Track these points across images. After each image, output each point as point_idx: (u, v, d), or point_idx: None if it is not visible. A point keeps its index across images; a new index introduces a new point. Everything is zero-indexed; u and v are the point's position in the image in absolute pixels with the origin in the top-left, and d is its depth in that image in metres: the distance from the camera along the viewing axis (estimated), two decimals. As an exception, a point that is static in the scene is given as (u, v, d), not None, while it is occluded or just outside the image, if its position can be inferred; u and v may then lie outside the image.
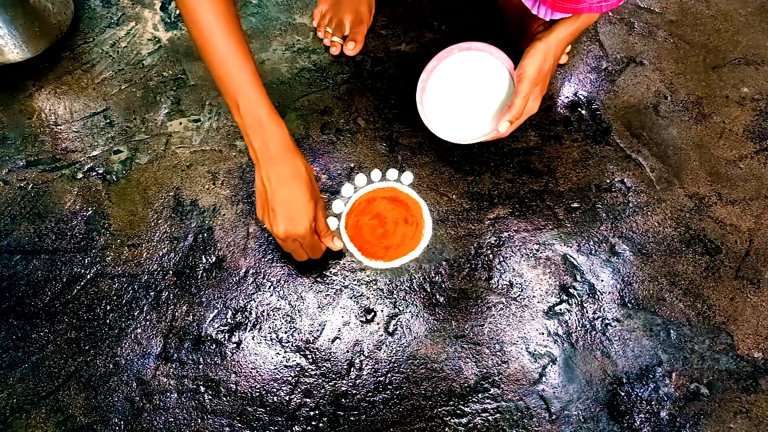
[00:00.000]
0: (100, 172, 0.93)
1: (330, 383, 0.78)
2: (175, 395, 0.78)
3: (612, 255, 0.84)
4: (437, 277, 0.83)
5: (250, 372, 0.79)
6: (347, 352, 0.79)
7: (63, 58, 1.03)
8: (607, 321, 0.80)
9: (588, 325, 0.80)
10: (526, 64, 0.76)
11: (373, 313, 0.82)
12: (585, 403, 0.75)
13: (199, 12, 0.63)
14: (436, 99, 0.85)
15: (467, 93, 0.85)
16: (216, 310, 0.82)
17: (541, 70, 0.75)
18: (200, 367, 0.79)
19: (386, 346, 0.80)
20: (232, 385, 0.78)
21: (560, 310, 0.81)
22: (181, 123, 0.96)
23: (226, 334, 0.81)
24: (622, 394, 0.76)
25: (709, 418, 0.74)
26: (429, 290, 0.83)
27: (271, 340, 0.80)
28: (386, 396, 0.77)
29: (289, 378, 0.78)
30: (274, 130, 0.67)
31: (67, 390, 0.78)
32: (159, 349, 0.80)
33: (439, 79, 0.85)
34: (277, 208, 0.69)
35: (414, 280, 0.83)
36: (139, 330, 0.81)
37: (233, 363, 0.79)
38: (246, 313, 0.82)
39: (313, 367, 0.79)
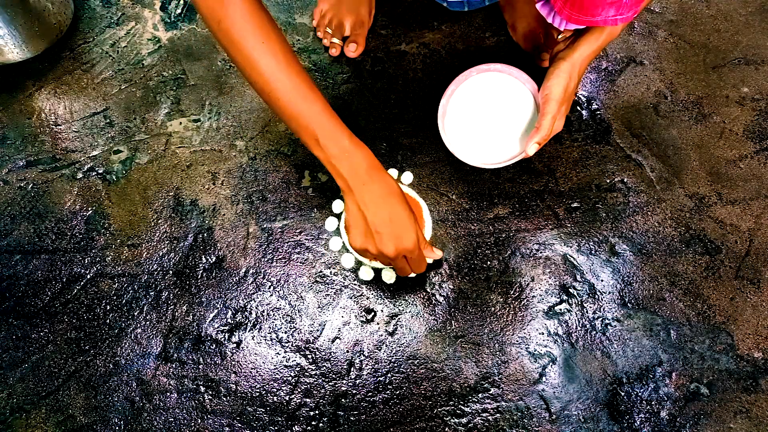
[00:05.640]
0: (100, 172, 0.93)
1: (330, 383, 0.78)
2: (175, 395, 0.78)
3: (612, 255, 0.84)
4: (437, 277, 0.83)
5: (250, 372, 0.79)
6: (347, 352, 0.79)
7: (63, 58, 1.03)
8: (607, 321, 0.80)
9: (588, 325, 0.80)
10: (550, 84, 0.74)
11: (373, 313, 0.82)
12: (585, 403, 0.75)
13: (257, 57, 0.62)
14: (459, 123, 0.83)
15: (490, 115, 0.82)
16: (216, 310, 0.82)
17: (566, 89, 0.74)
18: (200, 367, 0.79)
19: (386, 346, 0.80)
20: (232, 385, 0.78)
21: (560, 310, 0.81)
22: (181, 123, 0.96)
23: (226, 334, 0.81)
24: (622, 394, 0.76)
25: (709, 418, 0.74)
26: (429, 290, 0.83)
27: (271, 340, 0.80)
28: (386, 396, 0.77)
29: (289, 378, 0.78)
30: (359, 153, 0.66)
31: (67, 390, 0.78)
32: (159, 349, 0.80)
33: (460, 102, 0.83)
34: (381, 229, 0.66)
35: (414, 280, 0.83)
36: (139, 330, 0.82)
37: (233, 363, 0.79)
38: (246, 313, 0.82)
39: (313, 367, 0.79)
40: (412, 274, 0.79)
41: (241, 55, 0.62)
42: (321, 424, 0.75)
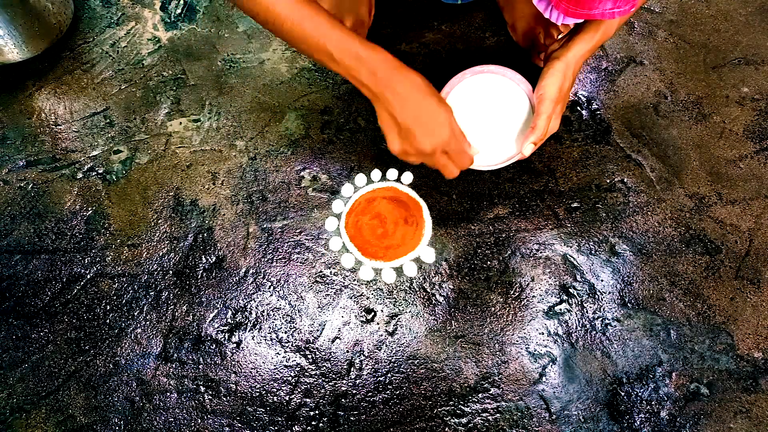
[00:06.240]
0: (100, 172, 0.93)
1: (330, 383, 0.78)
2: (175, 395, 0.78)
3: (612, 255, 0.84)
4: (437, 277, 0.83)
5: (250, 372, 0.79)
6: (347, 352, 0.79)
7: (63, 58, 1.03)
8: (607, 321, 0.80)
9: (588, 325, 0.80)
10: (545, 84, 0.73)
11: (373, 313, 0.82)
12: (585, 403, 0.75)
13: None
14: None
15: (485, 117, 0.82)
16: (216, 310, 0.82)
17: (561, 89, 0.73)
18: (200, 367, 0.79)
19: (386, 346, 0.80)
20: (232, 385, 0.78)
21: (560, 310, 0.81)
22: (181, 123, 0.96)
23: (226, 334, 0.81)
24: (622, 394, 0.76)
25: (709, 418, 0.74)
26: (429, 290, 0.83)
27: (271, 340, 0.80)
28: (386, 396, 0.77)
29: (289, 378, 0.78)
30: (376, 56, 0.65)
31: (67, 390, 0.78)
32: (159, 349, 0.80)
33: (454, 105, 0.82)
34: (413, 127, 0.65)
35: (414, 280, 0.83)
36: (139, 330, 0.82)
37: (233, 363, 0.79)
38: (246, 313, 0.82)
39: (313, 367, 0.79)
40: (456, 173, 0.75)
41: None
42: (321, 424, 0.75)
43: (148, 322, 0.82)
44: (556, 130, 0.77)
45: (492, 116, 0.82)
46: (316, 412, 0.76)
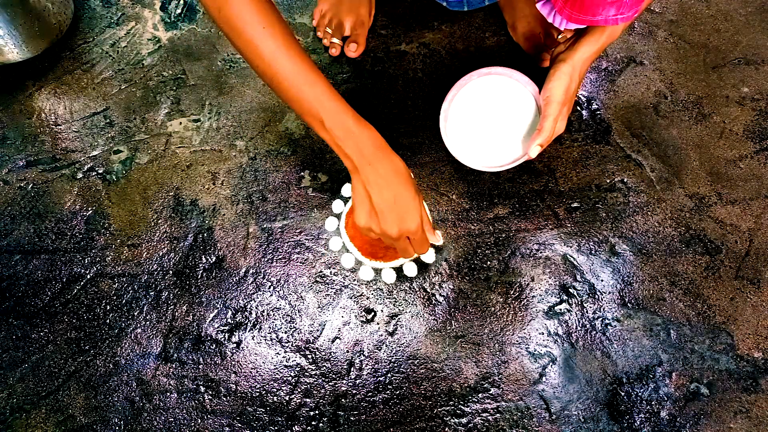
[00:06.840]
0: (100, 172, 0.93)
1: (330, 383, 0.78)
2: (175, 395, 0.78)
3: (612, 255, 0.84)
4: (437, 277, 0.83)
5: (250, 372, 0.79)
6: (347, 352, 0.79)
7: (63, 58, 1.03)
8: (607, 321, 0.80)
9: (588, 325, 0.80)
10: (551, 86, 0.74)
11: (373, 313, 0.82)
12: (585, 403, 0.75)
13: (259, 42, 0.62)
14: (461, 127, 0.83)
15: (492, 119, 0.82)
16: (216, 310, 0.82)
17: (567, 91, 0.74)
18: (200, 367, 0.79)
19: (386, 346, 0.80)
20: (232, 385, 0.78)
21: (560, 310, 0.81)
22: (181, 123, 0.96)
23: (226, 334, 0.81)
24: (622, 394, 0.76)
25: (709, 418, 0.74)
26: (429, 290, 0.83)
27: (271, 340, 0.81)
28: (386, 396, 0.77)
29: (289, 378, 0.78)
30: (365, 133, 0.66)
31: (67, 390, 0.78)
32: (159, 349, 0.80)
33: (461, 106, 0.83)
34: (386, 210, 0.67)
35: (414, 280, 0.83)
36: (139, 330, 0.82)
37: (233, 363, 0.79)
38: (246, 313, 0.82)
39: (313, 367, 0.79)
40: (415, 256, 0.79)
41: (242, 40, 0.63)
42: (321, 424, 0.76)
43: (148, 322, 0.82)
44: (562, 131, 0.77)
45: (499, 118, 0.82)
46: (316, 412, 0.76)
